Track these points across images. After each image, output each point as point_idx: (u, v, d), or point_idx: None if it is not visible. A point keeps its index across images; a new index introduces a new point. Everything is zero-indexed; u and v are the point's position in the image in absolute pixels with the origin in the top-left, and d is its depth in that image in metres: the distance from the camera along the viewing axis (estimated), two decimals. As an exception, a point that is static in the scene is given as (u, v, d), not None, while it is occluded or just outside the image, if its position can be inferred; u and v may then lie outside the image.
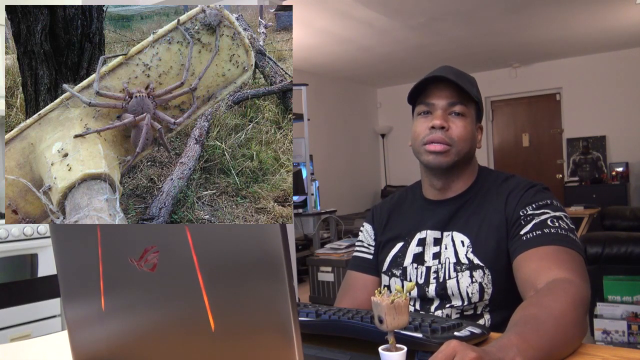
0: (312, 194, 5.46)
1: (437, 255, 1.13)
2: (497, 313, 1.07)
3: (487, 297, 1.06)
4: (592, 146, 6.95)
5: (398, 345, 0.68)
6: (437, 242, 1.14)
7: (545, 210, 1.04)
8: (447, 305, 1.09)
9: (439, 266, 1.11)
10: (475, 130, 1.16)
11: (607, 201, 5.47)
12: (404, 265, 1.16)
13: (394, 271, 1.18)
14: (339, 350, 0.82)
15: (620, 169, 6.64)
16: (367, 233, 1.30)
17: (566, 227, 1.01)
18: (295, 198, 5.18)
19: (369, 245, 1.28)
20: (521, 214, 1.06)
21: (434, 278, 1.11)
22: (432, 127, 1.11)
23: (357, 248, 1.30)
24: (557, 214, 1.04)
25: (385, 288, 1.13)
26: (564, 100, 7.23)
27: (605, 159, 6.84)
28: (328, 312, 0.86)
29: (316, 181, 5.70)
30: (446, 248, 1.12)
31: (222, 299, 0.58)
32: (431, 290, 1.11)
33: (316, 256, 4.27)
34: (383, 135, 8.55)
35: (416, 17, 4.86)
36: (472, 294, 1.06)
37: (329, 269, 4.12)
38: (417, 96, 1.17)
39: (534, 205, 1.06)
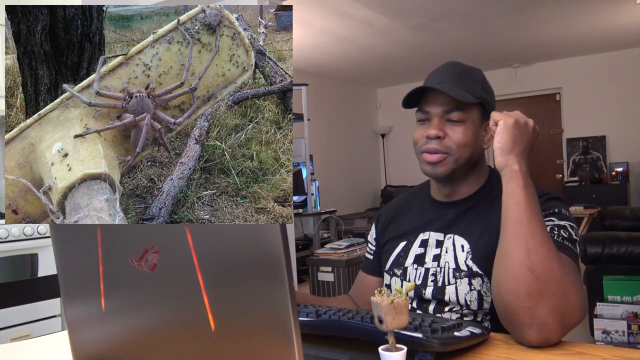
0: (312, 194, 5.46)
1: (437, 258, 1.11)
2: (499, 323, 0.99)
3: (486, 305, 1.04)
4: (592, 146, 6.94)
5: (398, 345, 0.68)
6: (439, 244, 1.13)
7: (550, 219, 1.01)
8: (447, 309, 1.08)
9: (438, 269, 1.10)
10: (479, 133, 1.12)
11: (607, 201, 5.47)
12: (405, 265, 1.16)
13: (395, 270, 1.18)
14: (339, 350, 0.82)
15: (620, 169, 6.64)
16: (371, 235, 1.32)
17: (565, 235, 0.98)
18: (295, 198, 5.18)
19: (372, 246, 1.31)
20: None
21: (431, 281, 1.10)
22: (428, 137, 1.09)
23: (367, 248, 1.34)
24: (562, 223, 1.00)
25: (386, 288, 1.13)
26: (563, 100, 7.22)
27: (605, 159, 6.84)
28: (328, 312, 0.86)
29: (316, 181, 5.70)
30: (447, 252, 1.10)
31: (222, 299, 0.58)
32: (428, 292, 1.10)
33: (316, 256, 4.26)
34: (383, 135, 8.55)
35: (416, 17, 4.86)
36: (470, 301, 1.05)
37: (329, 269, 4.12)
38: (416, 100, 1.14)
39: None
